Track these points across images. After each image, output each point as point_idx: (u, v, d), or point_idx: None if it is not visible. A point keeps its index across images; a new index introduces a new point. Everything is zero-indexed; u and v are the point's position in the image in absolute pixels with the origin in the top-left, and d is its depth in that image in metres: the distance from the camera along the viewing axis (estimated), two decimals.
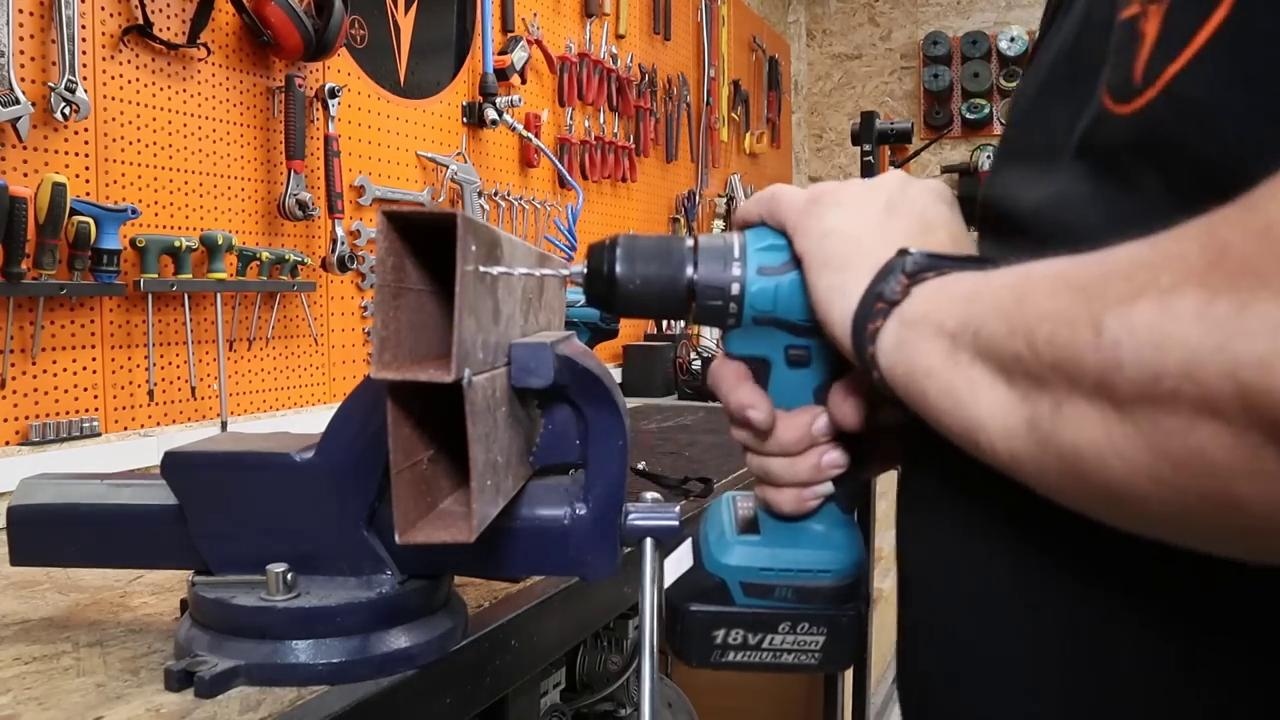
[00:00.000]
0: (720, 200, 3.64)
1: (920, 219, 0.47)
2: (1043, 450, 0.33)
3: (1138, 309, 0.28)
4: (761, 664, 0.55)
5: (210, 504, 0.69)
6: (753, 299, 0.48)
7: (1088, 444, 0.31)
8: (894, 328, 0.41)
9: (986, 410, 0.35)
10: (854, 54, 4.72)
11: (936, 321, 0.39)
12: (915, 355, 0.39)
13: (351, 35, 1.83)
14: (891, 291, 0.42)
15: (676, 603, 0.55)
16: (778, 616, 0.54)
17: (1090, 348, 0.30)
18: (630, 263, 0.50)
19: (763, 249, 0.49)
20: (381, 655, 0.67)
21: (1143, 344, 0.28)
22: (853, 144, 3.12)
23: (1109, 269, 0.31)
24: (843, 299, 0.44)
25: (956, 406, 0.37)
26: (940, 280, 0.41)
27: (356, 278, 1.86)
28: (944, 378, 0.37)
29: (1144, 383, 0.28)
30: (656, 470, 1.40)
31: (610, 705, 1.32)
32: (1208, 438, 0.27)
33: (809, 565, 0.53)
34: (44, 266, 1.25)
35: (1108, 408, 0.29)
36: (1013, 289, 0.35)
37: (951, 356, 0.37)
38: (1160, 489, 0.29)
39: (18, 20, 1.25)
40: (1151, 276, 0.28)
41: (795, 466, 0.51)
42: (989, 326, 0.35)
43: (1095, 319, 0.30)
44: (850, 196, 0.48)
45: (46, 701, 0.64)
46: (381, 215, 0.50)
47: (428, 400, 0.53)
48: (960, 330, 0.37)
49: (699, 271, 0.49)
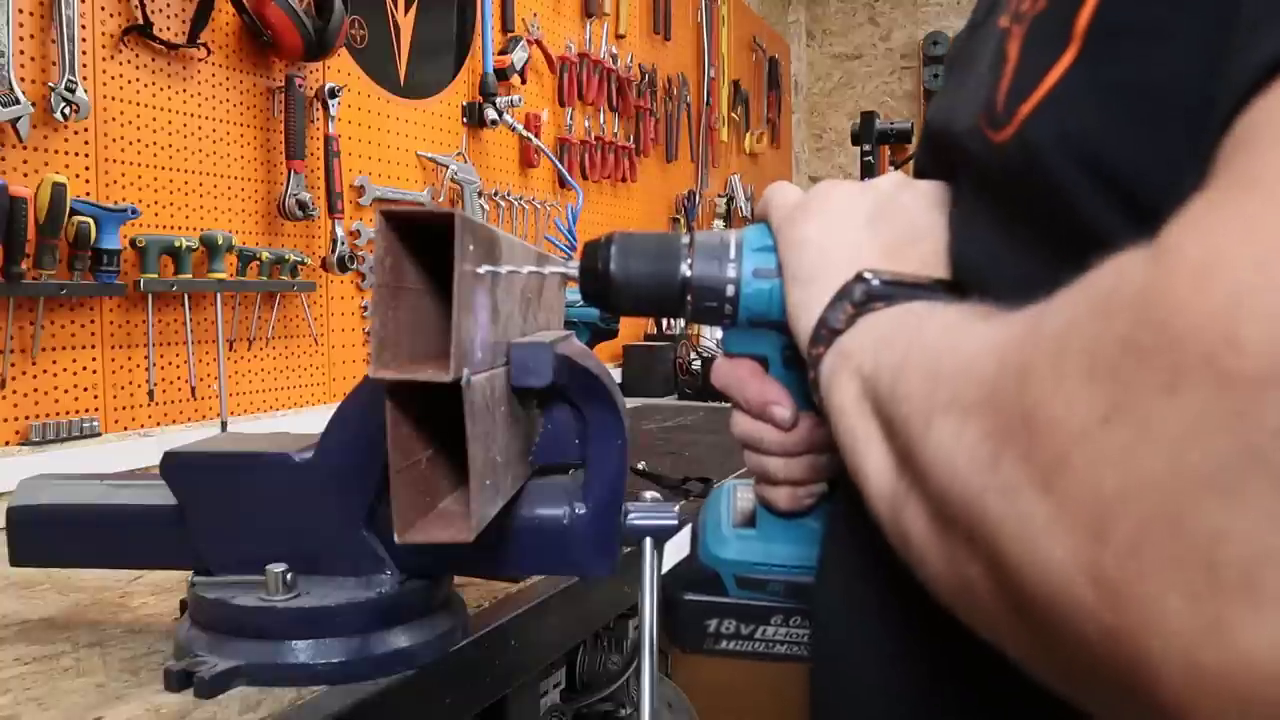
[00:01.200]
0: (720, 200, 3.64)
1: (906, 228, 0.45)
2: (894, 527, 0.32)
3: (948, 423, 0.28)
4: (754, 653, 0.55)
5: (210, 504, 0.69)
6: (747, 301, 0.48)
7: (916, 537, 0.30)
8: (831, 358, 0.40)
9: (871, 462, 0.35)
10: (854, 54, 4.72)
11: (857, 362, 0.38)
12: (835, 391, 0.39)
13: (351, 35, 1.83)
14: (835, 319, 0.41)
15: (672, 590, 0.56)
16: (770, 609, 0.54)
17: (917, 444, 0.30)
18: (626, 260, 0.49)
19: (759, 250, 0.48)
20: (381, 655, 0.67)
21: (942, 461, 0.28)
22: (853, 144, 3.12)
23: (952, 365, 0.30)
24: (805, 315, 0.43)
25: (853, 453, 0.36)
26: (880, 315, 0.40)
27: (356, 278, 1.86)
28: (850, 420, 0.37)
29: (940, 500, 0.28)
30: (656, 470, 1.40)
31: (610, 705, 1.32)
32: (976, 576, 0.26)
33: (802, 562, 0.53)
34: (44, 266, 1.25)
35: (928, 511, 0.29)
36: (903, 351, 0.34)
37: (860, 402, 0.36)
38: (956, 601, 0.29)
39: (18, 20, 1.25)
40: (962, 388, 0.28)
41: (792, 466, 0.51)
42: (883, 383, 0.34)
43: (929, 417, 0.29)
44: (835, 204, 0.46)
45: (46, 702, 0.64)
46: (380, 215, 0.50)
47: (427, 400, 0.53)
48: (869, 377, 0.36)
49: (695, 270, 0.48)
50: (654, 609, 0.62)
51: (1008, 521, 0.24)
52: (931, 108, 0.50)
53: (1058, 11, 0.33)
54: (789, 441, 0.50)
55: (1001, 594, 0.25)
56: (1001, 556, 0.24)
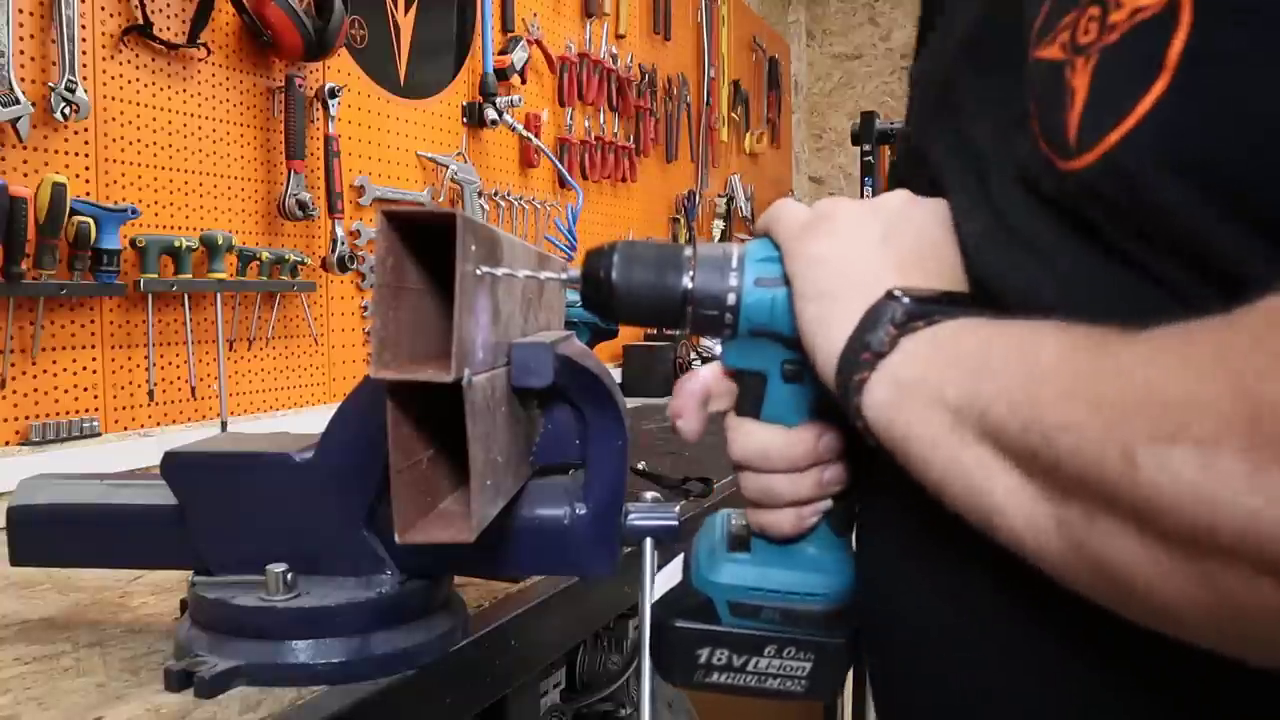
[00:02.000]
0: (720, 200, 3.64)
1: (919, 244, 0.45)
2: (1076, 555, 0.32)
3: (1176, 455, 0.27)
4: (745, 687, 0.53)
5: (210, 504, 0.69)
6: (748, 310, 0.48)
7: (1130, 564, 0.30)
8: (884, 384, 0.40)
9: (1002, 497, 0.34)
10: (854, 54, 4.72)
11: (935, 389, 0.37)
12: (914, 423, 0.38)
13: (351, 35, 1.83)
14: (879, 342, 0.40)
15: (661, 618, 0.54)
16: (764, 639, 0.52)
17: (1124, 478, 0.29)
18: (628, 269, 0.49)
19: (761, 260, 0.48)
20: (381, 655, 0.67)
21: (1188, 496, 0.27)
22: (853, 144, 3.12)
23: (1128, 392, 0.29)
24: (826, 334, 0.43)
25: (968, 487, 0.36)
26: (933, 333, 0.39)
27: (356, 278, 1.86)
28: (948, 453, 0.36)
29: (1195, 532, 0.27)
30: (656, 470, 1.40)
31: (610, 705, 1.31)
32: (1271, 593, 0.26)
33: (799, 588, 0.52)
34: (44, 266, 1.25)
35: (1151, 537, 0.29)
36: (1022, 377, 0.34)
37: (956, 432, 0.36)
38: (1216, 623, 0.28)
39: (18, 20, 1.25)
40: (1182, 421, 0.27)
41: (799, 483, 0.50)
42: (996, 412, 0.34)
43: (1126, 449, 0.29)
44: (845, 222, 0.46)
45: (46, 701, 0.64)
46: (381, 215, 0.50)
47: (427, 400, 0.53)
48: (964, 407, 0.35)
49: (696, 280, 0.48)
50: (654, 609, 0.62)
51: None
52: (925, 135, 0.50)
53: (1138, 43, 0.33)
54: (795, 455, 0.49)
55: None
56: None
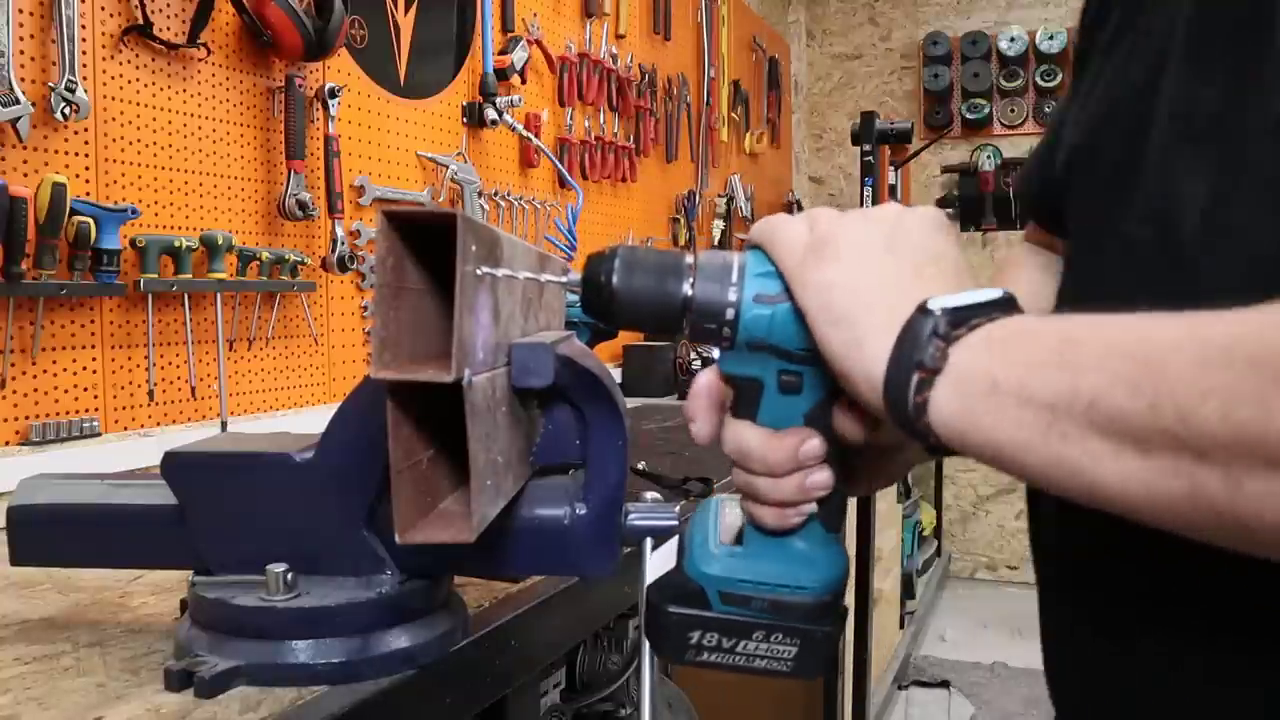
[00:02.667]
0: (720, 200, 3.64)
1: (921, 252, 0.45)
2: (1218, 520, 0.32)
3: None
4: (734, 666, 0.55)
5: (210, 504, 0.69)
6: (747, 325, 0.48)
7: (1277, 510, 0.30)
8: (948, 395, 0.40)
9: (1118, 482, 0.35)
10: (854, 54, 4.72)
11: (1018, 390, 0.37)
12: (999, 427, 0.38)
13: (351, 35, 1.83)
14: (931, 359, 0.40)
15: (656, 601, 0.56)
16: (753, 625, 0.54)
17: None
18: (629, 275, 0.49)
19: (760, 275, 0.48)
20: (382, 655, 0.67)
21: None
22: (853, 144, 3.12)
23: (1269, 334, 0.30)
24: (861, 357, 0.43)
25: (1074, 479, 0.36)
26: (983, 334, 0.40)
27: (356, 278, 1.86)
28: (1050, 448, 0.36)
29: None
30: (656, 470, 1.40)
31: (610, 705, 1.31)
32: None
33: (787, 581, 0.53)
34: (44, 266, 1.25)
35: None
36: (1137, 357, 0.34)
37: (1054, 429, 0.36)
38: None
39: (18, 20, 1.25)
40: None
41: (780, 486, 0.50)
42: (1110, 400, 0.34)
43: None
44: (848, 243, 0.46)
45: (46, 701, 0.64)
46: (381, 215, 0.50)
47: (428, 400, 0.53)
48: (1063, 401, 0.36)
49: (696, 290, 0.48)
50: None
51: None
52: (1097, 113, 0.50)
53: None
54: (773, 461, 0.50)
55: None
56: None
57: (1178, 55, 0.48)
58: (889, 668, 3.23)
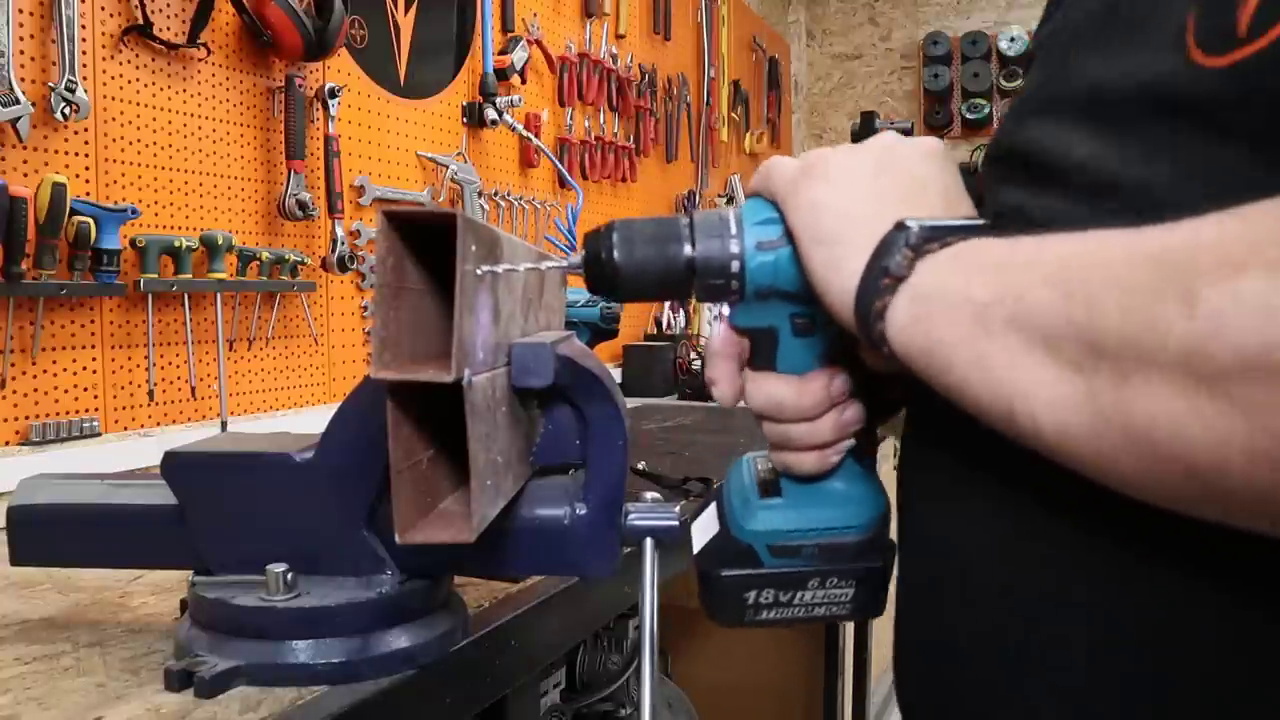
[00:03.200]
0: (720, 200, 3.64)
1: (910, 178, 0.46)
2: (1105, 425, 0.32)
3: (1245, 280, 0.28)
4: (794, 618, 0.56)
5: (210, 504, 0.69)
6: (753, 274, 0.48)
7: (1165, 418, 0.30)
8: (905, 303, 0.41)
9: (1027, 380, 0.34)
10: (854, 54, 4.72)
11: (960, 292, 0.38)
12: (937, 327, 0.39)
13: (351, 35, 1.83)
14: (897, 266, 0.41)
15: (707, 568, 0.56)
16: (806, 574, 0.54)
17: (1180, 318, 0.29)
18: (629, 246, 0.49)
19: (759, 223, 0.48)
20: (382, 655, 0.67)
21: (1252, 313, 0.27)
22: (852, 143, 3.12)
23: (1193, 242, 0.30)
24: (839, 274, 0.44)
25: (988, 376, 0.36)
26: (952, 251, 0.40)
27: (356, 278, 1.86)
28: (973, 347, 0.37)
29: (1251, 354, 0.27)
30: (656, 470, 1.40)
31: (610, 705, 1.32)
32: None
33: (833, 523, 0.53)
34: (44, 266, 1.25)
35: (1192, 382, 0.29)
36: (1063, 258, 0.34)
37: (981, 324, 0.36)
38: (1256, 466, 0.28)
39: (18, 20, 1.25)
40: (1253, 249, 0.28)
41: (817, 429, 0.51)
42: (1034, 295, 0.34)
43: (1187, 290, 0.29)
44: (837, 166, 0.47)
45: (46, 701, 0.64)
46: (381, 215, 0.50)
47: (428, 400, 0.53)
48: (994, 300, 0.36)
49: (698, 250, 0.49)
50: (654, 609, 0.62)
51: None
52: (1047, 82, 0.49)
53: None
54: (807, 405, 0.50)
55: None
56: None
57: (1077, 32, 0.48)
58: (889, 668, 3.23)
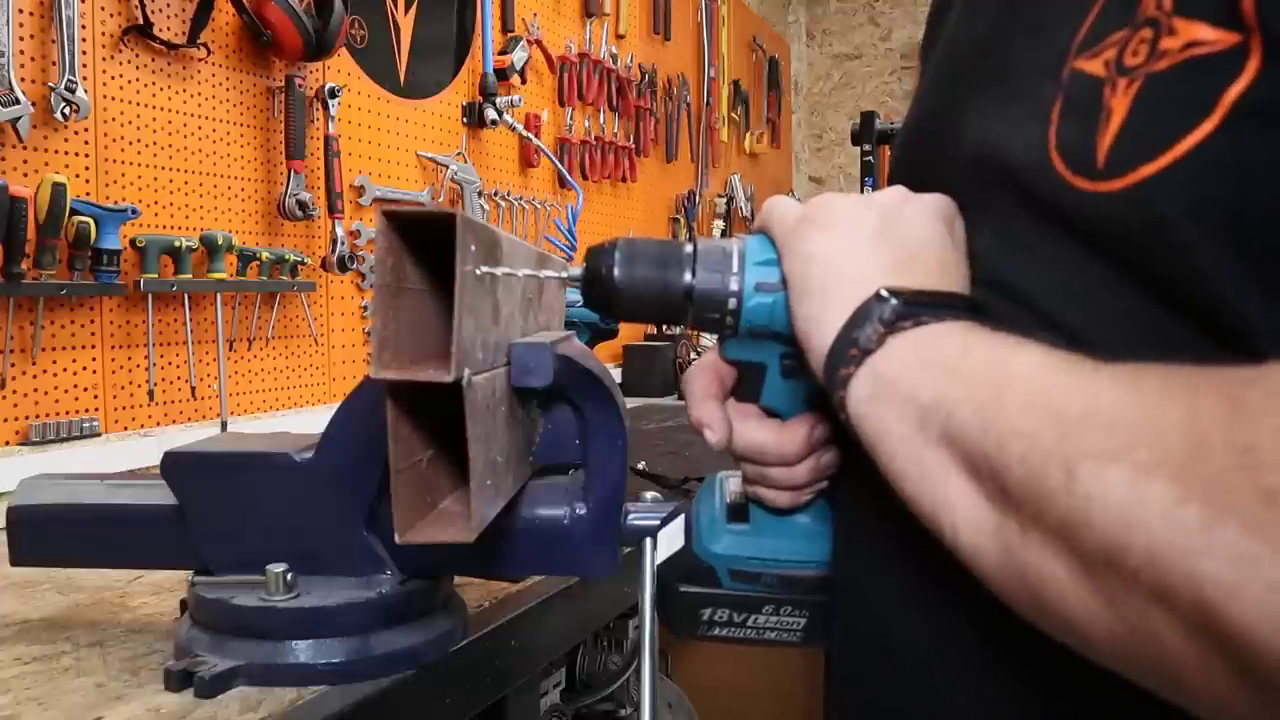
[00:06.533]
0: (720, 200, 3.64)
1: (910, 240, 0.44)
2: (1009, 561, 0.32)
3: (1111, 474, 0.28)
4: (745, 639, 0.57)
5: (210, 504, 0.69)
6: (749, 313, 0.48)
7: (1052, 579, 0.30)
8: (867, 379, 0.40)
9: (955, 495, 0.35)
10: (854, 54, 4.72)
11: (910, 388, 0.38)
12: (886, 416, 0.39)
13: (351, 35, 1.83)
14: (866, 339, 0.41)
15: (668, 580, 0.57)
16: (762, 600, 0.56)
17: (1061, 489, 0.29)
18: (630, 266, 0.50)
19: (760, 263, 0.48)
20: (381, 655, 0.67)
21: (1112, 513, 0.28)
22: (853, 144, 3.12)
23: (1090, 410, 0.30)
24: (819, 330, 0.43)
25: (924, 481, 0.36)
26: (916, 336, 0.40)
27: (356, 278, 1.86)
28: (912, 448, 0.37)
29: (1109, 550, 0.28)
30: (656, 470, 1.40)
31: (610, 705, 1.31)
32: (1163, 625, 0.27)
33: (795, 556, 0.55)
34: (44, 266, 1.25)
35: (1072, 554, 0.29)
36: (990, 384, 0.34)
37: (921, 429, 0.37)
38: (1114, 644, 0.29)
39: (18, 20, 1.25)
40: (1129, 443, 0.28)
41: (794, 472, 0.51)
42: (961, 414, 0.35)
43: (1069, 463, 0.29)
44: (840, 218, 0.46)
45: (46, 701, 0.64)
46: (381, 215, 0.50)
47: (427, 400, 0.53)
48: (933, 406, 0.36)
49: (697, 281, 0.49)
50: (654, 609, 0.62)
51: (1245, 588, 0.25)
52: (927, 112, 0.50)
53: (1191, 78, 0.32)
54: (789, 451, 0.50)
55: (1202, 646, 0.26)
56: (1223, 619, 0.25)
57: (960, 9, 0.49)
58: None
